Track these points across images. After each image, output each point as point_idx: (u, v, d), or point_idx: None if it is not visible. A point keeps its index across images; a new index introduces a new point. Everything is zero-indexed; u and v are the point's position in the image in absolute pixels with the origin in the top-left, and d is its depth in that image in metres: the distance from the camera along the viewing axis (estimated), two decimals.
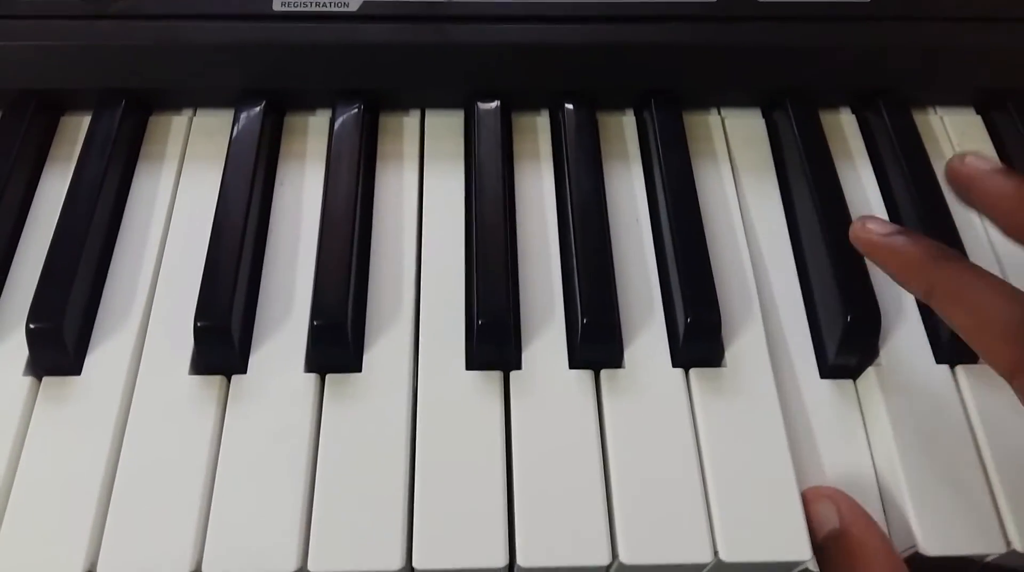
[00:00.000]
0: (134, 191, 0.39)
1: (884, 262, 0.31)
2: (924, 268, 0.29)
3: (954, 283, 0.28)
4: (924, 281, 0.29)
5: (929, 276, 0.29)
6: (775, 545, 0.30)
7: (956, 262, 0.29)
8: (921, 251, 0.30)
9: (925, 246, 0.30)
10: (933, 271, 0.29)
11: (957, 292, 0.28)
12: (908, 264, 0.30)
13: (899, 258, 0.30)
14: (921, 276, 0.29)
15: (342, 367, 0.34)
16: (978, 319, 0.27)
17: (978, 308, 0.27)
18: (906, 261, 0.30)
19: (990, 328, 0.27)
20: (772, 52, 0.41)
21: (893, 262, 0.31)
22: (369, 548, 0.30)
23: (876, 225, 0.32)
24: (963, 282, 0.28)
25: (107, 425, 0.32)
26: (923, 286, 0.29)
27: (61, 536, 0.30)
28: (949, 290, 0.28)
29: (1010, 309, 0.26)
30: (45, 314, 0.33)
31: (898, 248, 0.30)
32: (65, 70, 0.41)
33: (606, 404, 0.33)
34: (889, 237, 0.31)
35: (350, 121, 0.40)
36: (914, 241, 0.30)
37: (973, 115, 0.44)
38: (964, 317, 0.28)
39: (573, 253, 0.36)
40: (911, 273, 0.30)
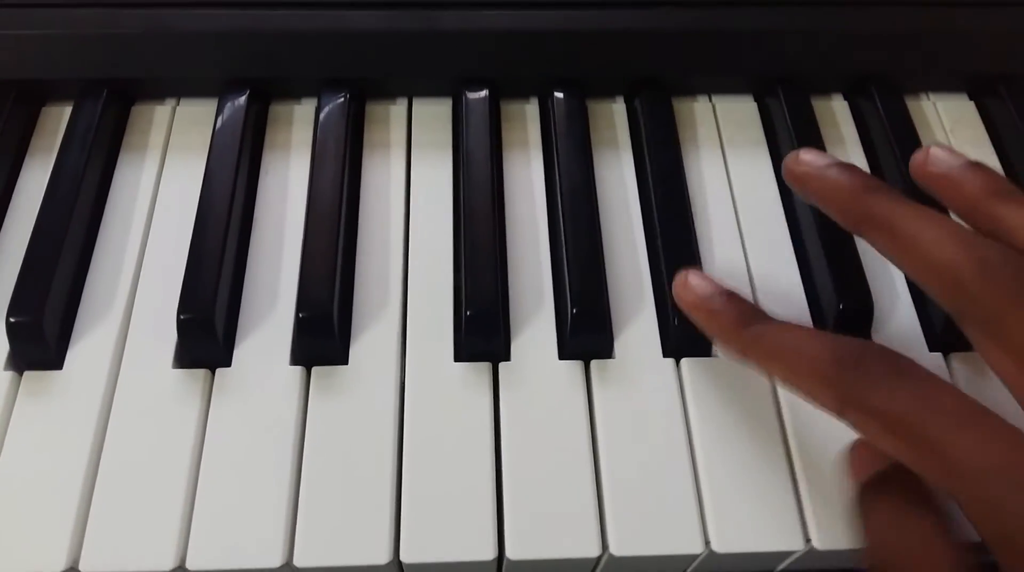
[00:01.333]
0: (116, 182, 0.39)
1: (816, 195, 0.31)
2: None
3: (763, 342, 0.28)
4: (736, 343, 0.29)
5: (860, 207, 0.29)
6: (768, 535, 0.30)
7: (760, 323, 0.29)
8: (732, 314, 0.30)
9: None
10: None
11: (766, 349, 0.28)
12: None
13: (712, 320, 0.30)
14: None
15: (328, 359, 0.33)
16: (790, 369, 0.27)
17: (787, 359, 0.27)
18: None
19: (803, 375, 0.26)
20: (763, 37, 0.41)
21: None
22: (356, 542, 0.30)
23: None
24: (771, 339, 0.28)
25: (89, 420, 0.32)
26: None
27: (43, 532, 0.30)
28: (761, 349, 0.28)
29: (817, 352, 0.26)
30: (25, 307, 0.33)
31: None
32: (45, 60, 0.40)
33: (596, 395, 0.33)
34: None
35: (336, 110, 0.39)
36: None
37: (966, 101, 0.44)
38: (779, 370, 0.27)
39: (563, 243, 0.36)
40: (724, 336, 0.30)
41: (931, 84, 0.43)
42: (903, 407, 0.24)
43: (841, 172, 0.30)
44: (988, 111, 0.43)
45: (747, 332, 0.29)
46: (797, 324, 0.29)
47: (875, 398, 0.24)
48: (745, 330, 0.29)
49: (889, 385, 0.24)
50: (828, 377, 0.25)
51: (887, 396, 0.24)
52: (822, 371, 0.25)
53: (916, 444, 0.23)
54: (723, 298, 0.31)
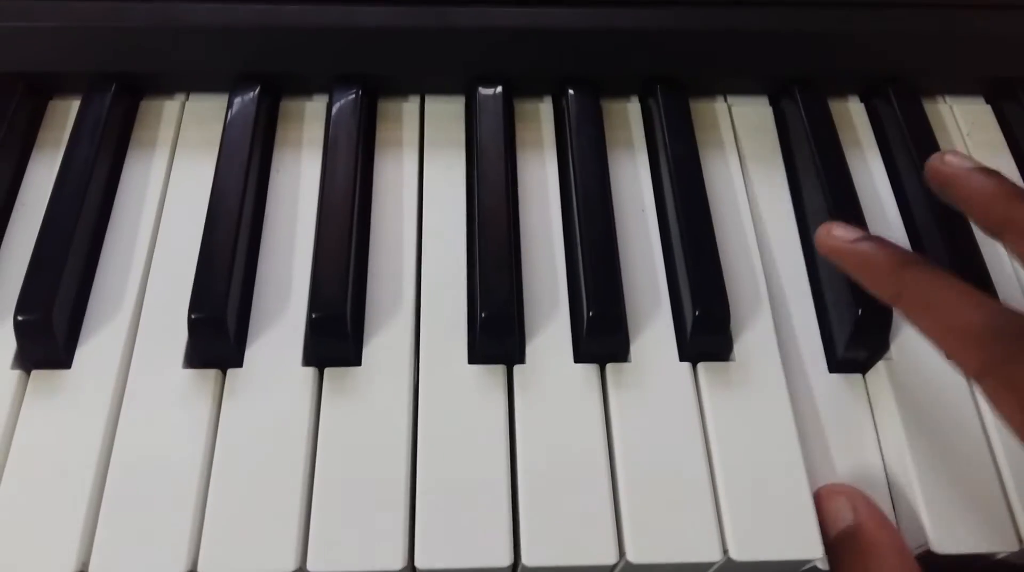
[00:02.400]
0: (125, 178, 0.38)
1: (852, 269, 0.31)
2: (892, 274, 0.30)
3: (921, 288, 0.29)
4: (892, 286, 0.30)
5: (897, 282, 0.29)
6: (786, 543, 0.30)
7: (922, 267, 0.29)
8: (888, 256, 0.30)
9: (891, 251, 0.30)
10: (900, 276, 0.29)
11: (923, 297, 0.28)
12: (876, 270, 0.30)
13: (867, 264, 0.31)
14: (889, 282, 0.30)
15: (341, 361, 0.33)
16: (944, 324, 0.28)
17: (944, 313, 0.28)
18: (874, 267, 0.30)
19: (955, 333, 0.27)
20: (780, 38, 0.40)
21: (861, 269, 0.31)
22: (370, 547, 0.29)
23: (842, 231, 0.32)
24: (929, 287, 0.28)
25: (99, 420, 0.31)
26: (891, 291, 0.30)
27: (52, 535, 0.29)
28: (916, 296, 0.29)
29: (974, 314, 0.27)
30: (33, 305, 0.32)
31: (865, 254, 0.31)
32: (53, 52, 0.40)
33: (612, 399, 0.33)
34: (855, 243, 0.31)
35: (348, 107, 0.39)
36: (881, 247, 0.31)
37: (983, 104, 0.43)
38: (930, 322, 0.28)
39: (578, 244, 0.35)
40: (879, 279, 0.30)
41: (948, 87, 0.43)
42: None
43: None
44: (1005, 114, 0.42)
45: (903, 275, 0.29)
46: (957, 279, 0.28)
47: (1019, 374, 0.25)
48: (901, 272, 0.29)
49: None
50: (981, 342, 0.26)
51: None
52: (977, 334, 0.26)
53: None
54: (874, 242, 0.31)
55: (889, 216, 0.39)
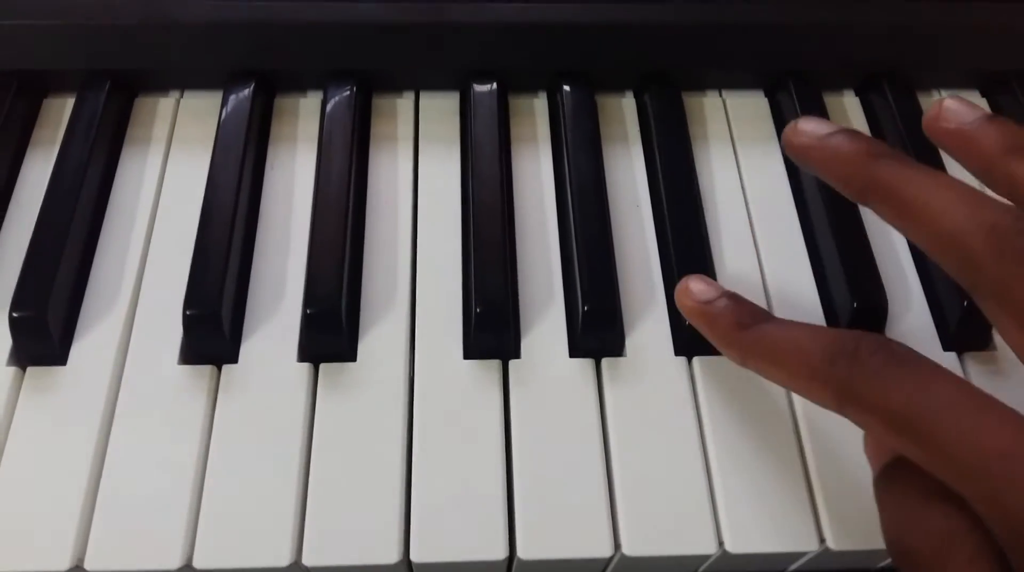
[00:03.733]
0: (120, 175, 0.38)
1: (818, 165, 0.28)
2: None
3: (761, 345, 0.27)
4: (736, 349, 0.28)
5: (864, 174, 0.26)
6: (783, 535, 0.30)
7: (757, 326, 0.27)
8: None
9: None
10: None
11: (765, 352, 0.27)
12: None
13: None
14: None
15: (336, 356, 0.33)
16: (786, 371, 0.26)
17: (783, 361, 0.26)
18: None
19: (799, 375, 0.25)
20: (774, 32, 0.40)
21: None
22: (365, 541, 0.29)
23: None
24: (769, 341, 0.27)
25: (94, 416, 0.31)
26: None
27: (48, 530, 0.29)
28: (759, 353, 0.27)
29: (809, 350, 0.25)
30: (29, 302, 0.32)
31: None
32: (47, 50, 0.40)
33: (607, 393, 0.33)
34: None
35: (342, 103, 0.39)
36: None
37: (978, 98, 0.43)
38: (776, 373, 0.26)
39: (573, 238, 0.35)
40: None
41: (943, 81, 0.43)
42: (901, 401, 0.22)
43: (844, 138, 0.28)
44: (1001, 108, 0.42)
45: (745, 335, 0.27)
46: (798, 322, 0.27)
47: (871, 393, 0.23)
48: (743, 333, 0.28)
49: (885, 378, 0.23)
50: (822, 374, 0.24)
51: (883, 390, 0.23)
52: (815, 368, 0.24)
53: (917, 439, 0.22)
54: (723, 301, 0.29)
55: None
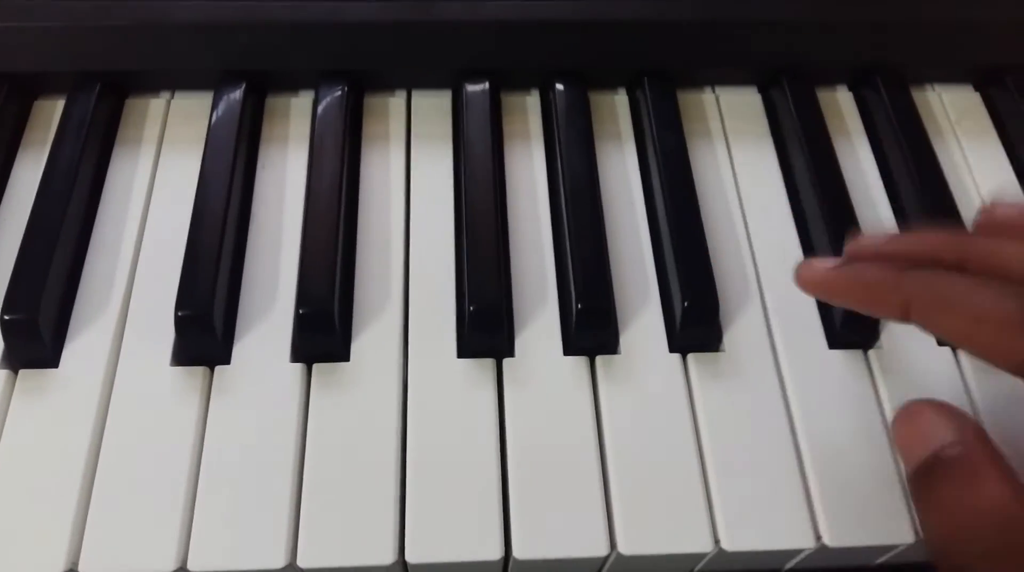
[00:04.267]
0: (111, 177, 0.38)
1: (847, 295, 0.28)
2: (894, 286, 0.26)
3: (931, 290, 0.25)
4: (897, 299, 0.26)
5: (901, 293, 0.26)
6: (779, 533, 0.29)
7: (925, 270, 0.26)
8: (882, 269, 0.26)
9: (885, 263, 0.27)
10: (902, 286, 0.26)
11: (937, 298, 0.25)
12: (875, 289, 0.27)
13: (864, 286, 0.27)
14: (893, 296, 0.26)
15: (329, 356, 0.33)
16: (970, 319, 0.24)
17: (967, 307, 0.24)
18: (871, 285, 0.27)
19: (987, 325, 0.24)
20: (767, 28, 0.40)
21: (858, 293, 0.27)
22: (360, 542, 0.29)
23: (820, 261, 0.28)
24: (940, 285, 0.25)
25: (86, 419, 0.31)
26: (898, 305, 0.26)
27: (41, 534, 0.29)
28: (929, 300, 0.25)
29: (1002, 299, 0.23)
30: (20, 305, 0.32)
31: (858, 276, 0.27)
32: (37, 52, 0.39)
33: (602, 391, 0.32)
34: (840, 270, 0.28)
35: (334, 102, 0.39)
36: (871, 264, 0.27)
37: (971, 92, 0.43)
38: (953, 321, 0.25)
39: (566, 237, 0.35)
40: (882, 297, 0.26)
41: (936, 75, 0.43)
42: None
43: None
44: (994, 102, 0.42)
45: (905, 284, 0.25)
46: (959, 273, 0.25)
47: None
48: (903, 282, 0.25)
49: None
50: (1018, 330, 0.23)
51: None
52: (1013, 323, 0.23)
53: None
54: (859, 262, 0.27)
55: (878, 205, 0.39)
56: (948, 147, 0.41)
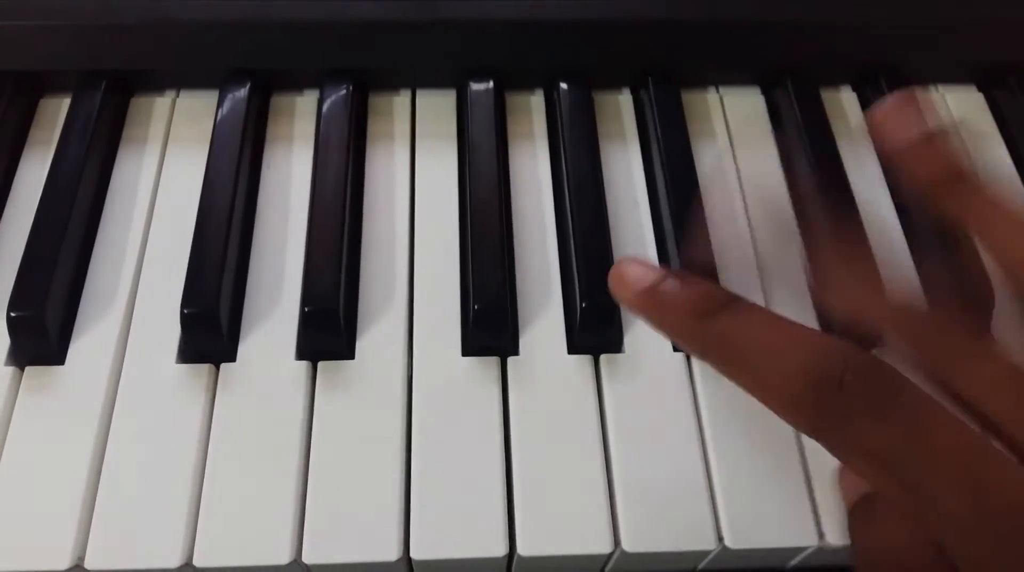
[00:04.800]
0: (116, 175, 0.38)
1: (649, 319, 0.26)
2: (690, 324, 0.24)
3: (723, 341, 0.23)
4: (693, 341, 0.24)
5: (695, 334, 0.24)
6: (782, 531, 0.30)
7: (725, 313, 0.23)
8: (685, 302, 0.24)
9: (693, 293, 0.24)
10: (698, 327, 0.24)
11: (727, 352, 0.23)
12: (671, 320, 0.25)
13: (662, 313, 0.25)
14: (687, 335, 0.24)
15: (334, 354, 0.33)
16: (755, 383, 0.23)
17: (752, 369, 0.23)
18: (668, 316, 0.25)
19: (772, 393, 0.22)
20: (772, 28, 0.40)
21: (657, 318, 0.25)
22: (365, 538, 0.29)
23: (636, 270, 0.25)
24: (733, 338, 0.23)
25: (92, 416, 0.31)
26: (694, 346, 0.24)
27: (48, 529, 0.29)
28: (718, 351, 0.24)
29: (789, 364, 0.22)
30: (26, 302, 0.32)
31: (661, 300, 0.25)
32: (43, 51, 0.40)
33: (606, 390, 0.33)
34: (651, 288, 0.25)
35: (339, 102, 0.39)
36: (681, 289, 0.24)
37: (974, 92, 0.43)
38: (741, 379, 0.23)
39: (570, 235, 0.35)
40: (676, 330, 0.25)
41: (940, 75, 0.43)
42: (886, 442, 0.20)
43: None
44: (997, 102, 0.42)
45: (705, 326, 0.23)
46: (767, 314, 0.23)
47: (855, 430, 0.21)
48: (702, 323, 0.24)
49: (873, 414, 0.20)
50: (801, 403, 0.21)
51: (868, 428, 0.20)
52: (793, 395, 0.21)
53: (900, 485, 0.20)
54: (670, 284, 0.25)
55: (882, 206, 0.39)
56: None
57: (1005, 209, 0.25)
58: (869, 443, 0.21)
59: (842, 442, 0.21)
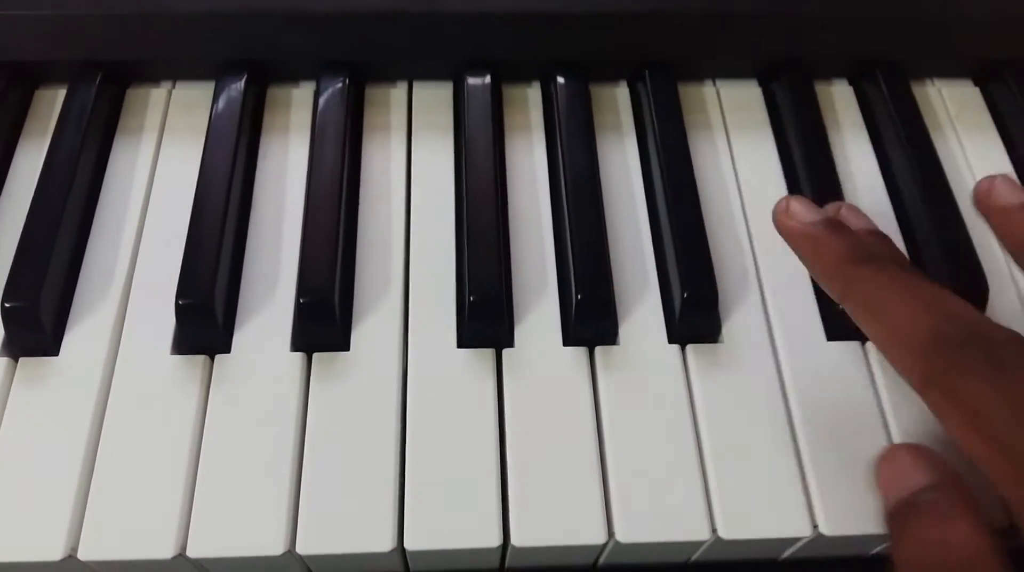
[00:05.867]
0: (112, 166, 0.38)
1: (803, 254, 0.29)
2: (839, 268, 0.27)
3: (866, 289, 0.27)
4: (838, 283, 0.28)
5: (843, 278, 0.27)
6: (776, 521, 0.30)
7: (874, 265, 0.27)
8: (839, 247, 0.28)
9: (845, 242, 0.28)
10: (847, 273, 0.27)
11: (867, 300, 0.26)
12: (824, 261, 0.28)
13: (817, 252, 0.29)
14: (836, 277, 0.28)
15: (329, 345, 0.33)
16: (885, 332, 0.26)
17: (885, 320, 0.26)
18: (823, 256, 0.28)
19: (895, 343, 0.25)
20: (768, 21, 0.40)
21: (812, 255, 0.29)
22: (359, 529, 0.29)
23: (800, 208, 0.30)
24: (875, 289, 0.26)
25: (87, 407, 0.31)
26: (837, 288, 0.28)
27: (41, 520, 0.29)
28: (860, 297, 0.27)
29: (915, 322, 0.25)
30: (21, 292, 0.32)
31: (819, 240, 0.28)
32: (38, 41, 0.39)
33: (601, 381, 0.33)
34: (812, 226, 0.29)
35: (335, 93, 0.39)
36: (837, 235, 0.28)
37: (971, 87, 0.43)
38: (872, 329, 0.26)
39: (566, 227, 0.35)
40: (826, 272, 0.28)
41: (936, 70, 0.43)
42: (990, 405, 0.22)
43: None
44: (993, 97, 0.42)
45: (853, 271, 0.27)
46: (914, 272, 0.26)
47: (964, 387, 0.23)
48: (852, 268, 0.27)
49: (984, 377, 0.23)
50: (923, 352, 0.24)
51: (977, 388, 0.23)
52: (918, 344, 0.24)
53: (992, 445, 0.22)
54: (829, 229, 0.28)
55: (878, 199, 0.39)
56: (947, 141, 0.41)
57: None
58: (976, 402, 0.22)
59: (951, 397, 0.23)
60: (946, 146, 0.41)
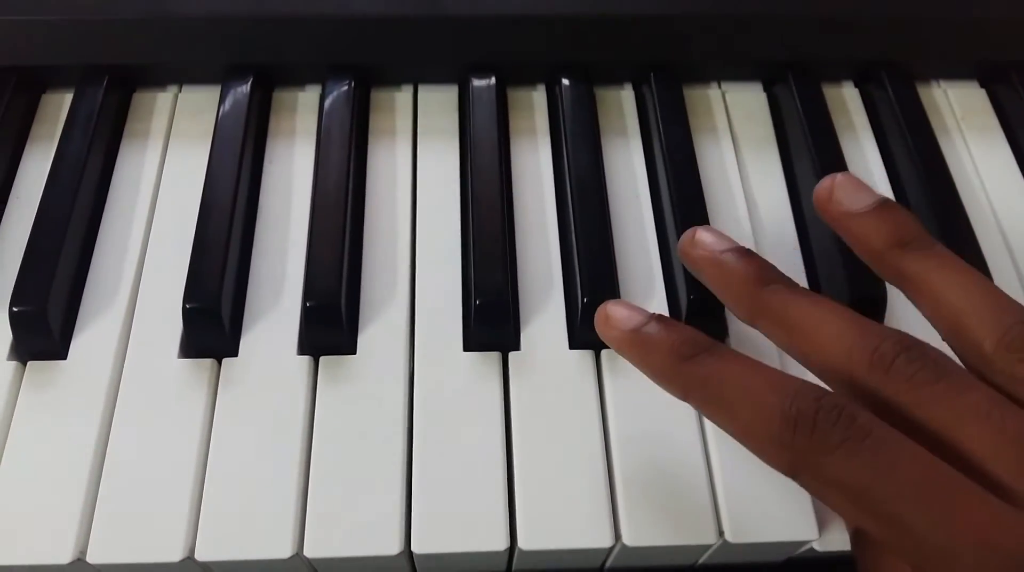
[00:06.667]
0: (119, 170, 0.38)
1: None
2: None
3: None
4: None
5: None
6: (783, 525, 0.30)
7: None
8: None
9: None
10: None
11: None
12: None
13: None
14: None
15: (336, 349, 0.33)
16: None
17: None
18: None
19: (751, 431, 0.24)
20: (773, 23, 0.40)
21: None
22: (366, 533, 0.29)
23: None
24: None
25: (95, 410, 0.31)
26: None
27: (50, 523, 0.29)
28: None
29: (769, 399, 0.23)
30: (29, 297, 0.32)
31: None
32: (45, 46, 0.40)
33: (608, 385, 0.33)
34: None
35: (341, 97, 0.39)
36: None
37: (976, 88, 0.43)
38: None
39: (572, 231, 0.35)
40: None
41: (942, 71, 0.43)
42: (860, 479, 0.22)
43: (736, 259, 0.28)
44: (999, 98, 0.42)
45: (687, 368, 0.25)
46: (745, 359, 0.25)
47: (829, 465, 0.22)
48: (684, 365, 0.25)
49: (845, 450, 0.22)
50: (779, 439, 0.23)
51: (842, 463, 0.22)
52: (772, 432, 0.23)
53: (881, 521, 0.22)
54: (654, 327, 0.27)
55: None
56: (953, 143, 0.41)
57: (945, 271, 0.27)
58: (844, 478, 0.22)
59: (818, 478, 0.22)
60: (952, 148, 0.40)
